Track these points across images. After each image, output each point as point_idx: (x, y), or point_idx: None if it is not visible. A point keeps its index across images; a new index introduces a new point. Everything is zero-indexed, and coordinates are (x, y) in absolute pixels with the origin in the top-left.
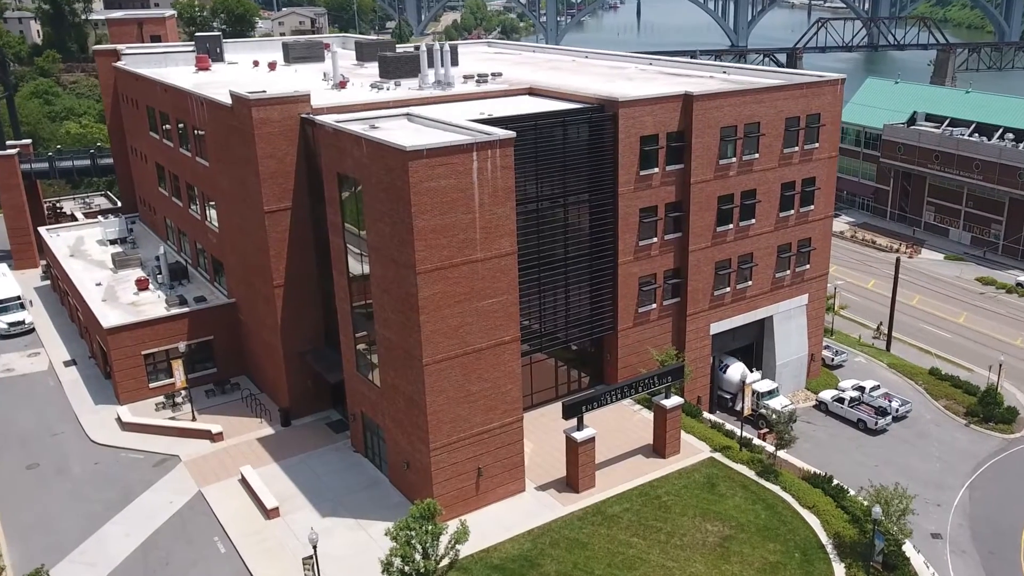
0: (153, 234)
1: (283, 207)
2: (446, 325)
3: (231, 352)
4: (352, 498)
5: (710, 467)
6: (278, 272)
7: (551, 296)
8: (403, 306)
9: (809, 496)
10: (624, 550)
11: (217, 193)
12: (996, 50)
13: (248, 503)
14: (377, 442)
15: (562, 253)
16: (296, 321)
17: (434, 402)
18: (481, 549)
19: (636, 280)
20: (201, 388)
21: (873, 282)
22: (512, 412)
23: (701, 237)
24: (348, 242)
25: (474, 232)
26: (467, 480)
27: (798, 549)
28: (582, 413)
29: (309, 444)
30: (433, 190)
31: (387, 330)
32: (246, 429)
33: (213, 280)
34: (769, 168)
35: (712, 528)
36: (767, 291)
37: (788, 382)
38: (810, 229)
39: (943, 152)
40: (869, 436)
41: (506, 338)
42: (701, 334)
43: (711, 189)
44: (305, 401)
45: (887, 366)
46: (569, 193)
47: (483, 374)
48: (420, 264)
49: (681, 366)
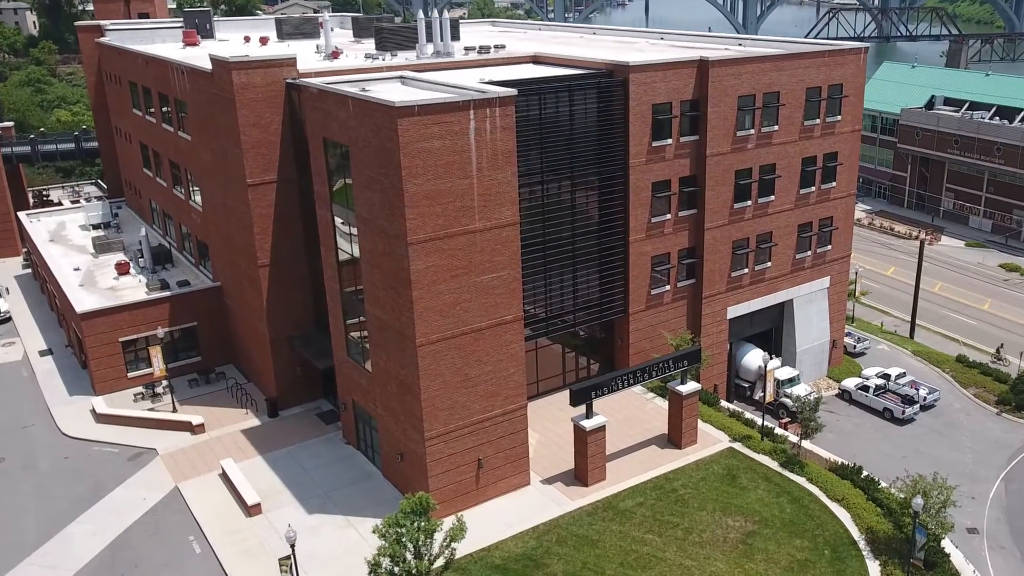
0: (139, 219)
1: (267, 180)
2: (441, 302)
3: (217, 339)
4: (342, 493)
5: (730, 458)
6: (263, 251)
7: (557, 276)
8: (394, 282)
9: (837, 488)
10: (638, 548)
11: (200, 169)
12: (1009, 41)
13: (228, 499)
14: (370, 433)
15: (569, 230)
16: (283, 304)
17: (429, 387)
18: (481, 548)
19: (648, 260)
20: (184, 378)
21: (893, 269)
22: (515, 399)
23: (717, 214)
24: (336, 215)
25: (471, 199)
26: (466, 473)
27: (827, 545)
28: (591, 399)
29: (297, 436)
30: (426, 152)
31: (378, 309)
32: (230, 420)
33: (198, 264)
34: (789, 141)
35: (733, 523)
36: (787, 273)
37: (809, 370)
38: (832, 207)
39: (963, 136)
40: (896, 426)
41: (508, 317)
42: (718, 318)
43: (728, 163)
44: (294, 390)
45: (912, 354)
46: (576, 166)
47: (483, 356)
48: (412, 234)
49: (698, 349)
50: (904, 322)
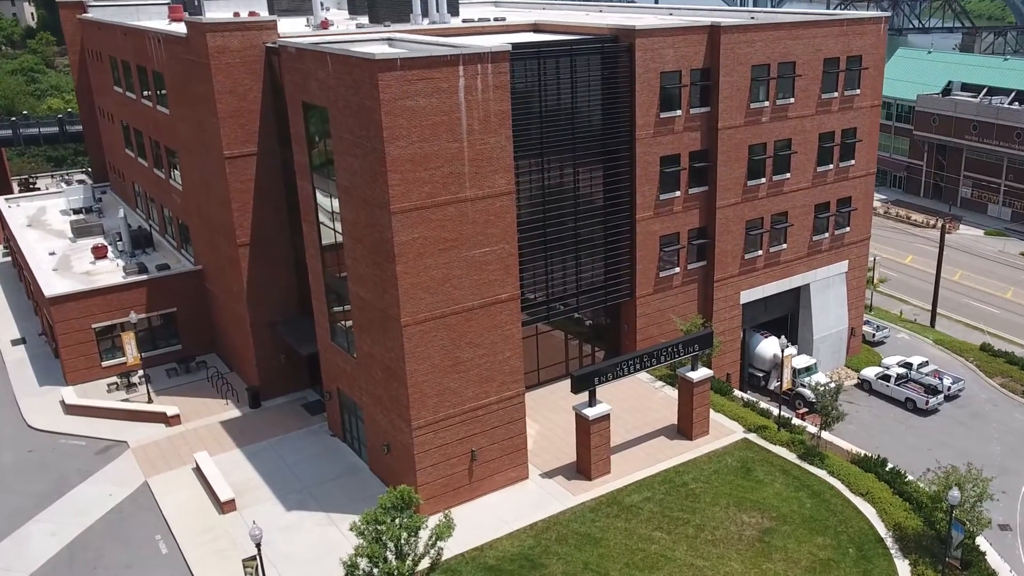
0: (123, 204)
1: (247, 152)
2: (429, 278)
3: (198, 326)
4: (324, 488)
5: (744, 449)
6: (242, 229)
7: (558, 256)
8: (377, 256)
9: (861, 482)
10: (645, 546)
11: (178, 144)
12: (1022, 33)
13: (201, 495)
14: (355, 423)
15: (571, 207)
16: (265, 286)
17: (416, 371)
18: (473, 547)
19: (656, 239)
20: (163, 367)
21: (911, 258)
22: (511, 385)
23: (730, 191)
24: (318, 187)
25: (462, 165)
26: (458, 466)
27: (852, 543)
28: (594, 386)
29: (280, 427)
30: (410, 111)
31: (361, 288)
32: (209, 411)
33: (180, 247)
34: (806, 115)
35: (749, 520)
36: (803, 256)
37: (826, 358)
38: (851, 187)
39: (982, 122)
40: (919, 417)
41: (503, 295)
42: (730, 303)
43: (741, 136)
44: (278, 379)
45: (933, 342)
46: (579, 139)
47: (475, 338)
48: (395, 202)
49: (710, 333)
50: (924, 311)
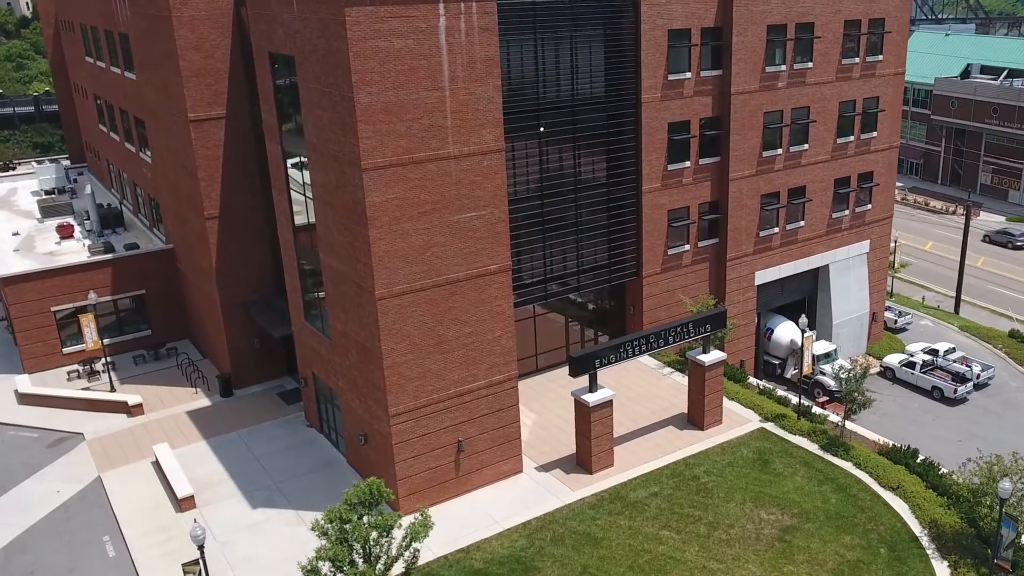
0: (99, 183)
1: (214, 115)
2: (407, 245)
3: (169, 310)
4: (296, 483)
5: (761, 440)
6: (210, 200)
7: (557, 231)
8: (349, 221)
9: (891, 474)
10: (651, 547)
11: (146, 112)
12: None
13: (159, 492)
14: (332, 412)
15: (571, 176)
16: (236, 263)
17: (393, 351)
18: (459, 548)
19: (664, 214)
20: (130, 354)
21: (930, 244)
22: (503, 368)
23: (744, 163)
24: (287, 148)
25: (443, 117)
26: (443, 458)
27: (883, 543)
28: (595, 369)
29: (251, 418)
30: (383, 53)
31: (333, 258)
32: (176, 401)
33: (153, 227)
34: (825, 81)
35: (768, 517)
36: (822, 234)
37: (846, 345)
38: (872, 161)
39: (1002, 105)
40: (946, 406)
41: (491, 267)
42: (744, 284)
43: (756, 102)
44: (252, 365)
45: (959, 329)
46: (580, 102)
47: (461, 315)
48: (367, 157)
49: (723, 312)
50: (947, 297)
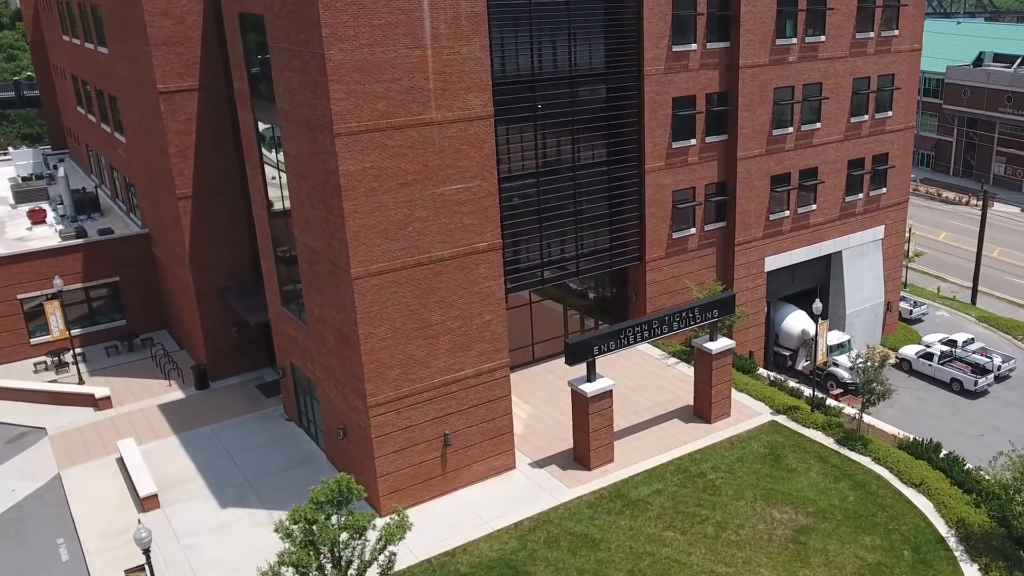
0: (80, 171)
1: (186, 87)
2: (385, 219)
3: (145, 298)
4: (270, 481)
5: (772, 433)
6: (182, 178)
7: (554, 212)
8: (322, 193)
9: (913, 470)
10: (653, 549)
11: (118, 87)
12: None
13: (122, 490)
14: (311, 404)
15: (569, 154)
16: (211, 246)
17: (371, 335)
18: (443, 551)
19: (669, 194)
20: (103, 345)
21: (944, 234)
22: (493, 355)
23: (753, 141)
24: (260, 119)
25: (425, 78)
26: (428, 453)
27: (907, 544)
28: (593, 357)
29: (227, 411)
30: (356, 5)
31: (308, 235)
32: (148, 393)
33: (130, 211)
34: (838, 56)
35: (781, 516)
36: (835, 219)
37: (860, 335)
38: (887, 142)
39: (1016, 93)
40: (966, 399)
41: (480, 245)
42: (753, 270)
43: (765, 77)
44: (229, 356)
45: (976, 320)
46: (578, 73)
47: (446, 297)
48: (340, 120)
49: (731, 296)
50: (962, 288)
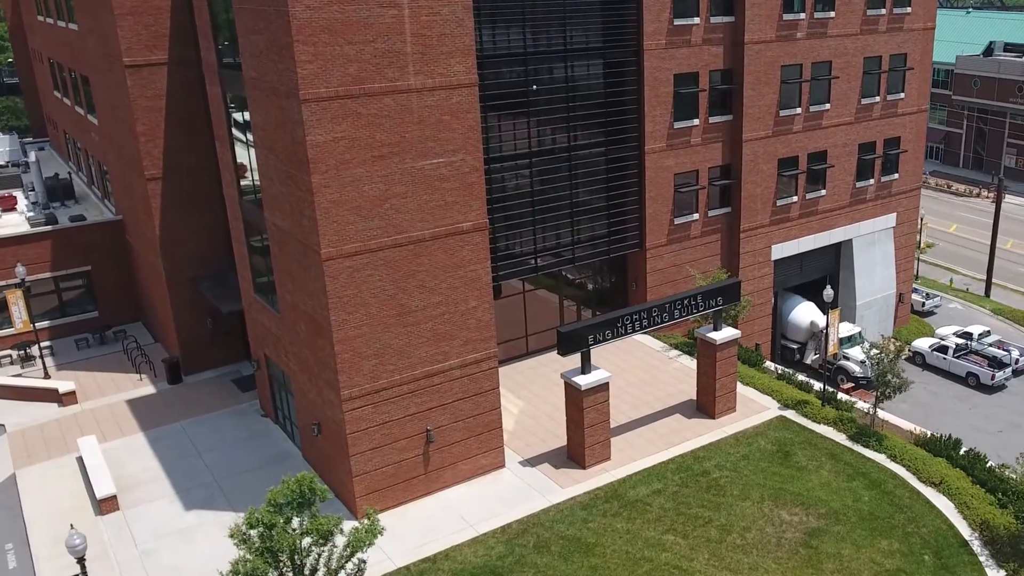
0: (59, 159)
1: (154, 60)
2: (359, 195)
3: (119, 288)
4: (240, 481)
5: (780, 429)
6: (152, 158)
7: (549, 196)
8: (290, 166)
9: (932, 467)
10: (652, 554)
11: (89, 65)
12: None
13: (80, 491)
14: (286, 398)
15: (565, 135)
16: (183, 231)
17: (345, 322)
18: (423, 558)
19: (670, 178)
20: (73, 338)
21: (955, 226)
22: (480, 344)
23: (759, 122)
24: (229, 91)
25: (402, 40)
26: (409, 451)
27: (927, 548)
28: (588, 347)
29: (200, 407)
30: None
31: (277, 214)
32: (117, 388)
33: (105, 198)
34: (848, 34)
35: (790, 518)
36: (845, 205)
37: (871, 328)
38: (900, 125)
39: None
40: (983, 394)
41: (464, 224)
42: (760, 258)
43: (772, 54)
44: (204, 348)
45: (991, 312)
46: (574, 48)
47: (427, 281)
48: (307, 85)
49: (737, 283)
50: (975, 280)
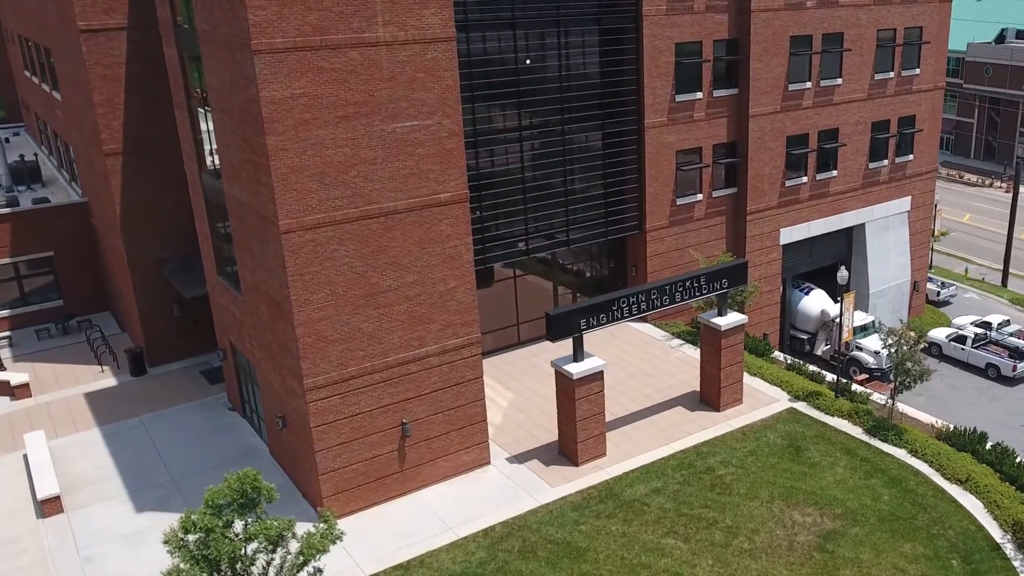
0: (34, 144)
1: (112, 25)
2: (322, 160)
3: (84, 275)
4: (200, 480)
5: (791, 422)
6: (111, 131)
7: (540, 173)
8: (244, 128)
9: (957, 463)
10: (651, 560)
11: (49, 35)
12: None
13: (24, 492)
14: (252, 389)
15: (558, 107)
16: (146, 211)
17: (307, 302)
18: (396, 564)
19: (672, 155)
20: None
21: (968, 216)
22: (461, 329)
23: (767, 96)
24: (184, 49)
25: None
26: (382, 446)
27: (955, 552)
28: (580, 332)
29: (163, 400)
30: None
31: (235, 185)
32: (76, 381)
33: (72, 180)
34: (861, 3)
35: (803, 519)
36: (857, 188)
37: (884, 317)
38: (915, 103)
39: None
40: (1004, 386)
41: (442, 195)
42: (767, 242)
43: (780, 23)
44: (170, 338)
45: (1008, 302)
46: (568, 15)
47: (401, 258)
48: (259, 34)
49: (743, 264)
50: (991, 269)
